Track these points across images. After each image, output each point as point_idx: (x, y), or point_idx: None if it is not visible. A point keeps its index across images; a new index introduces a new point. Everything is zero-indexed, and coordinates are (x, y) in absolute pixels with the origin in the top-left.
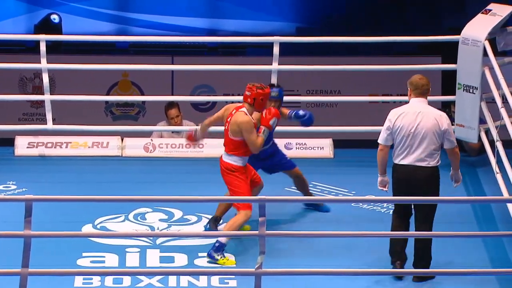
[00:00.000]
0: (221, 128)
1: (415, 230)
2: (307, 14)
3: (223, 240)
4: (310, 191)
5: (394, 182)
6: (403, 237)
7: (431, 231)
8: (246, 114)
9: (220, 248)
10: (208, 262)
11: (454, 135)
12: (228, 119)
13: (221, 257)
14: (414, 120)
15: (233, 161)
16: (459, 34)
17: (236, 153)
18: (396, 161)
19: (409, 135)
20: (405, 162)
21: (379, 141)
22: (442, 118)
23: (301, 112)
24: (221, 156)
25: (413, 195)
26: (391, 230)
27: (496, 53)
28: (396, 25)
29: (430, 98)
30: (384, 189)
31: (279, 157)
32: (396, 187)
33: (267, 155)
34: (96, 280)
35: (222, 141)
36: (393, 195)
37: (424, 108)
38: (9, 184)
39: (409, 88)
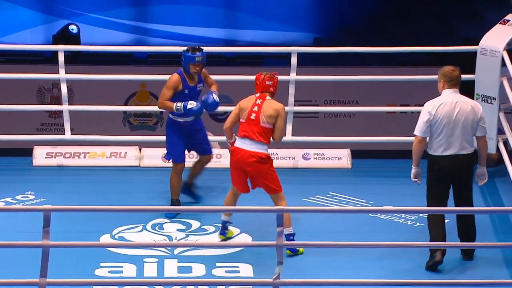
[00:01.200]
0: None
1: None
2: (324, 25)
3: (290, 230)
4: (194, 183)
5: (433, 174)
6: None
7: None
8: (278, 102)
9: (291, 236)
10: (289, 256)
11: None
12: (254, 109)
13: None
14: (453, 109)
15: (265, 150)
16: (474, 44)
17: (267, 141)
18: (438, 153)
19: (450, 124)
20: (448, 152)
21: (417, 133)
22: (477, 106)
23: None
24: (238, 147)
25: (454, 184)
26: (430, 222)
27: None
28: (412, 35)
29: None
30: (418, 181)
31: (203, 137)
32: (437, 179)
33: (197, 128)
34: None
35: None
36: (431, 188)
37: (460, 98)
38: (27, 194)
39: (442, 80)
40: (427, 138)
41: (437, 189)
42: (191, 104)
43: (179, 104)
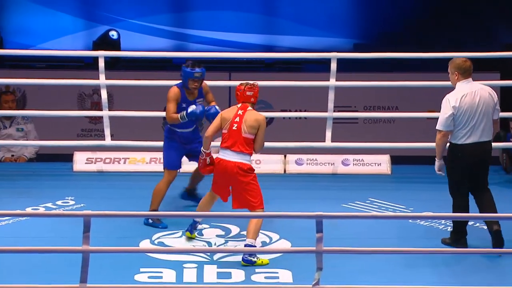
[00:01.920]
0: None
1: (481, 196)
2: (364, 31)
3: (253, 242)
4: (196, 191)
5: (457, 161)
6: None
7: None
8: (260, 113)
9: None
10: (244, 265)
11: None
12: (236, 119)
13: (257, 259)
14: (474, 99)
15: (246, 160)
16: None
17: (249, 151)
18: (462, 141)
19: (473, 114)
20: (473, 140)
21: (442, 128)
22: (492, 91)
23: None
24: (223, 157)
25: (477, 171)
26: (458, 209)
27: None
28: (452, 41)
29: None
30: (442, 173)
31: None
32: (461, 167)
33: (195, 139)
34: None
35: (279, 157)
36: (454, 175)
37: (477, 86)
38: (67, 199)
39: (455, 73)
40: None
41: (460, 175)
42: (191, 107)
43: (182, 113)
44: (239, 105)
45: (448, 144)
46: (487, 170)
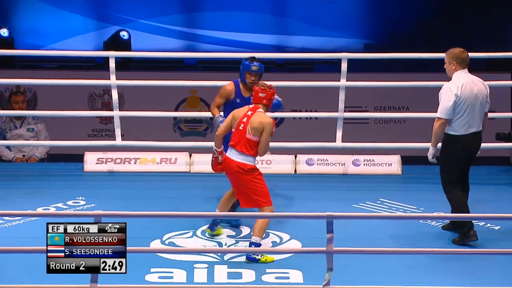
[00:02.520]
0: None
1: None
2: (375, 31)
3: (258, 240)
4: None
5: (456, 153)
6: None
7: None
8: (268, 116)
9: (258, 247)
10: (248, 262)
11: None
12: (244, 120)
13: (261, 256)
14: (473, 89)
15: (249, 161)
16: None
17: (252, 153)
18: (461, 132)
19: (472, 104)
20: (471, 130)
21: (443, 116)
22: (485, 82)
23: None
24: (228, 157)
25: (472, 160)
26: (459, 204)
27: None
28: (463, 41)
29: (498, 114)
30: (435, 160)
31: None
32: (460, 157)
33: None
34: None
35: (289, 157)
36: (452, 166)
37: (473, 77)
38: (78, 199)
39: (453, 63)
40: None
41: (459, 166)
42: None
43: (220, 117)
44: (251, 106)
45: (443, 136)
46: (472, 163)
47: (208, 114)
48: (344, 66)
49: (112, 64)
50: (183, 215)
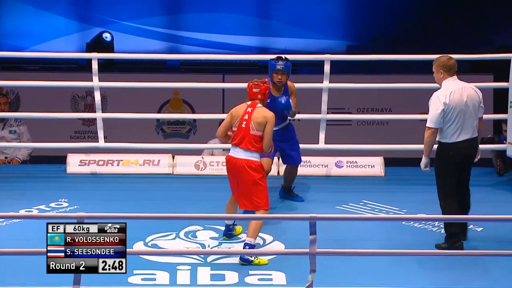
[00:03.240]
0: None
1: (463, 194)
2: (357, 33)
3: (252, 241)
4: (292, 189)
5: (448, 160)
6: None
7: None
8: (268, 110)
9: (252, 249)
10: (242, 264)
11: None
12: (245, 117)
13: (255, 258)
14: (462, 96)
15: (255, 158)
16: (510, 52)
17: (257, 149)
18: (452, 139)
19: (462, 111)
20: (462, 137)
21: (432, 125)
22: (476, 88)
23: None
24: (231, 156)
25: (465, 167)
26: (450, 210)
27: None
28: (446, 43)
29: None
30: (428, 169)
31: (289, 146)
32: (452, 164)
33: (285, 138)
34: None
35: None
36: (445, 173)
37: (462, 84)
38: (61, 201)
39: (441, 71)
40: None
41: (451, 173)
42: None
43: None
44: (248, 102)
45: (436, 144)
46: (470, 169)
47: (191, 116)
48: (327, 67)
49: (94, 65)
50: (166, 217)
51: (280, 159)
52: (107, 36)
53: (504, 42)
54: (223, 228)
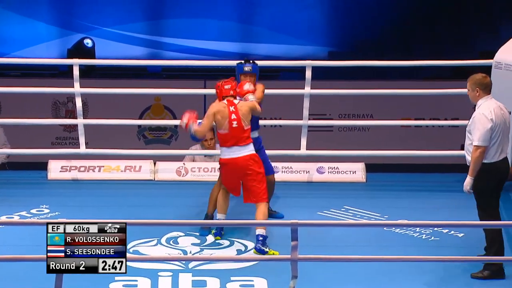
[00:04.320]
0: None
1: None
2: (339, 39)
3: (263, 232)
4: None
5: (495, 181)
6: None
7: None
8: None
9: (265, 240)
10: (256, 254)
11: None
12: (233, 117)
13: (269, 249)
14: (501, 113)
15: (254, 151)
16: (491, 58)
17: (251, 141)
18: (495, 159)
19: (503, 129)
20: (503, 156)
21: (482, 143)
22: (506, 107)
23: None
24: (232, 156)
25: (501, 187)
26: (496, 236)
27: None
28: (427, 49)
29: (463, 122)
30: (472, 191)
31: (262, 158)
32: (496, 184)
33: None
34: None
35: None
36: (492, 195)
37: (497, 102)
38: (42, 207)
39: (476, 89)
40: None
41: (495, 194)
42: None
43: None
44: (225, 102)
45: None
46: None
47: (172, 122)
48: (308, 73)
49: (76, 71)
50: (148, 223)
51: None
52: (88, 42)
53: (486, 47)
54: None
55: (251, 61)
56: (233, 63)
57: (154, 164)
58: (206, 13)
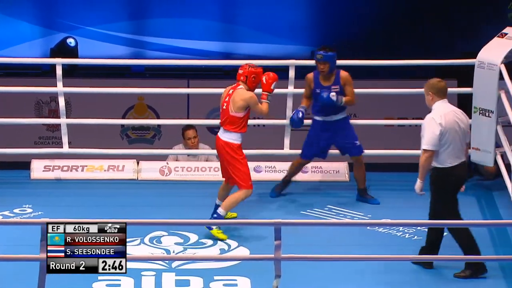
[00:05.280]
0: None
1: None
2: (322, 38)
3: (221, 212)
4: (365, 186)
5: (451, 185)
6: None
7: None
8: (248, 90)
9: (218, 219)
10: (205, 228)
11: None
12: (226, 99)
13: (216, 228)
14: (455, 118)
15: (232, 139)
16: (473, 58)
17: (236, 129)
18: (450, 164)
19: (455, 134)
20: (459, 161)
21: (430, 147)
22: (466, 114)
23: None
24: (218, 135)
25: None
26: (468, 240)
27: None
28: (411, 48)
29: None
30: (423, 193)
31: (345, 138)
32: (454, 189)
33: (332, 128)
34: None
35: None
36: (449, 200)
37: (452, 107)
38: (25, 207)
39: (430, 93)
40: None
41: (450, 198)
42: (293, 112)
43: (300, 108)
44: (234, 85)
45: (434, 171)
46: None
47: (155, 121)
48: (291, 73)
49: (59, 71)
50: (131, 223)
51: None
52: (71, 41)
53: (469, 48)
54: (188, 233)
55: (326, 48)
56: (216, 62)
57: (137, 163)
58: (189, 13)
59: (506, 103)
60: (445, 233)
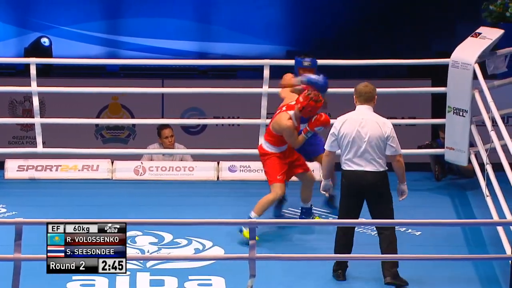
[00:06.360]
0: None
1: (380, 234)
2: (297, 38)
3: (253, 215)
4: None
5: (343, 187)
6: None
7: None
8: (290, 118)
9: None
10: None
11: (398, 144)
12: (278, 112)
13: (247, 230)
14: (357, 126)
15: (268, 147)
16: (447, 57)
17: (272, 143)
18: (345, 168)
19: (353, 141)
20: (354, 167)
21: (325, 147)
22: (385, 125)
23: (313, 77)
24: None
25: (366, 200)
26: (335, 243)
27: (486, 76)
28: (385, 48)
29: (420, 121)
30: (326, 194)
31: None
32: (346, 192)
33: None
34: None
35: (211, 164)
36: (342, 200)
37: (367, 115)
38: None
39: (354, 96)
40: (335, 152)
41: (345, 202)
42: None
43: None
44: (292, 103)
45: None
46: (381, 203)
47: (130, 121)
48: (266, 72)
49: (33, 70)
50: (105, 222)
51: (218, 164)
52: (45, 41)
53: (443, 48)
54: (162, 233)
55: (310, 55)
56: (191, 62)
57: (112, 163)
58: (164, 12)
59: (480, 103)
60: (418, 232)
